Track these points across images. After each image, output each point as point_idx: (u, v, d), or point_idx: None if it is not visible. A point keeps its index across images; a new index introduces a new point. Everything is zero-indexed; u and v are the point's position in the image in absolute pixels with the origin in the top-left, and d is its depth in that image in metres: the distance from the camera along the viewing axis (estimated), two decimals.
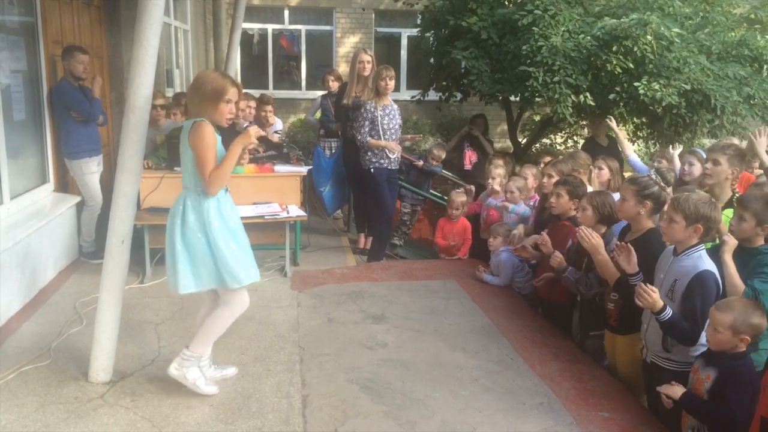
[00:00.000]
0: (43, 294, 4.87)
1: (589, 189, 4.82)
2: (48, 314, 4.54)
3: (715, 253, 3.40)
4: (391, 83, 6.06)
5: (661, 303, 3.20)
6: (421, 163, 7.52)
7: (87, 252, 5.71)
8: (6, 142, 4.70)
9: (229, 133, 3.42)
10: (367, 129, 6.07)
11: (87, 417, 3.24)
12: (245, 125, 3.46)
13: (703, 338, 3.29)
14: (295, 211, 5.62)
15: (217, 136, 3.31)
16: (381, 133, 6.08)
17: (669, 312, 3.19)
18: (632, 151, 6.13)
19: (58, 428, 3.14)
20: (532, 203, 5.72)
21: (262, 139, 5.58)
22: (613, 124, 6.21)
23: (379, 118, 6.06)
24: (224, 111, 3.23)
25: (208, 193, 3.26)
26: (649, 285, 3.21)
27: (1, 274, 4.23)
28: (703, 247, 3.32)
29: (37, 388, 3.51)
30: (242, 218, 5.05)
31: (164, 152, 5.83)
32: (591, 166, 5.29)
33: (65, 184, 5.79)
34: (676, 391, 3.00)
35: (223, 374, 3.67)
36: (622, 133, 6.51)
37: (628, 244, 3.51)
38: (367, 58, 6.29)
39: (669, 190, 3.76)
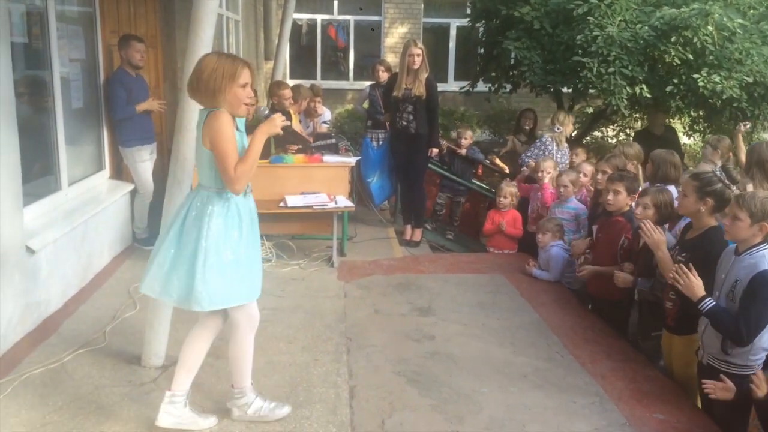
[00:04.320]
0: (99, 278, 4.99)
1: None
2: (103, 298, 4.65)
3: None
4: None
5: (701, 291, 3.13)
6: (464, 151, 7.44)
7: (140, 238, 5.83)
8: (65, 130, 4.82)
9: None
10: None
11: (140, 400, 3.31)
12: (266, 111, 3.23)
13: (766, 342, 3.17)
14: (343, 202, 5.63)
15: (240, 132, 2.95)
16: None
17: (709, 303, 3.13)
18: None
19: (111, 411, 3.21)
20: (579, 197, 5.60)
21: (289, 134, 5.54)
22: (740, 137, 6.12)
23: None
24: (241, 97, 2.81)
25: (233, 192, 2.84)
26: (684, 267, 3.15)
27: (59, 258, 4.35)
28: (767, 245, 3.18)
29: (92, 370, 3.60)
30: (291, 208, 5.09)
31: None
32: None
33: (120, 171, 5.92)
34: (727, 394, 2.90)
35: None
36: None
37: (682, 266, 3.31)
38: (416, 51, 6.20)
39: (734, 188, 3.61)
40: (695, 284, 3.17)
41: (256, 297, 3.03)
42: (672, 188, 4.36)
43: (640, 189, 4.51)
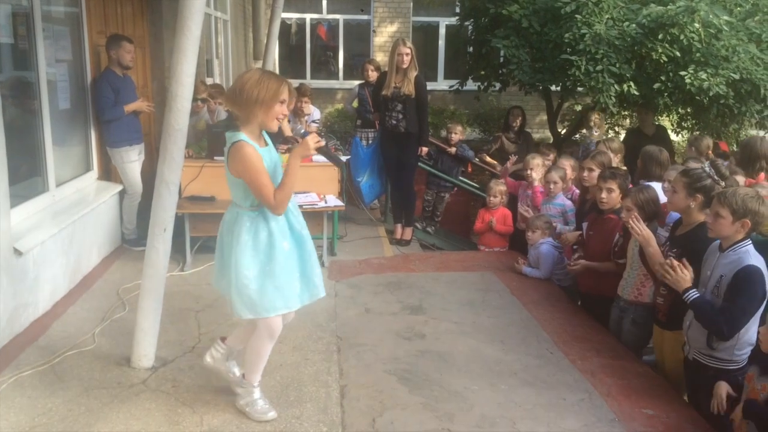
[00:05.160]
0: (88, 280, 4.96)
1: None
2: (92, 300, 4.62)
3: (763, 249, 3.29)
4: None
5: (687, 282, 3.17)
6: (453, 150, 7.45)
7: (129, 239, 5.80)
8: (52, 131, 4.79)
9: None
10: None
11: (129, 402, 3.29)
12: (302, 131, 3.31)
13: (752, 338, 3.20)
14: (333, 201, 5.62)
15: (268, 146, 3.04)
16: None
17: (693, 293, 3.17)
18: None
19: (101, 412, 3.19)
20: (569, 195, 5.62)
21: (276, 135, 5.54)
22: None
23: None
24: (277, 113, 2.90)
25: (276, 214, 2.94)
26: (674, 260, 3.20)
27: (47, 260, 4.32)
28: (750, 242, 3.21)
29: (81, 372, 3.58)
30: None
31: (205, 142, 5.88)
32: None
33: (108, 172, 5.88)
34: (738, 413, 2.91)
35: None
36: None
37: (673, 260, 3.35)
38: (405, 50, 6.19)
39: (723, 184, 3.63)
40: (681, 278, 3.21)
41: (288, 310, 3.09)
42: (657, 185, 4.38)
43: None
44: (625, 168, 5.02)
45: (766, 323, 2.86)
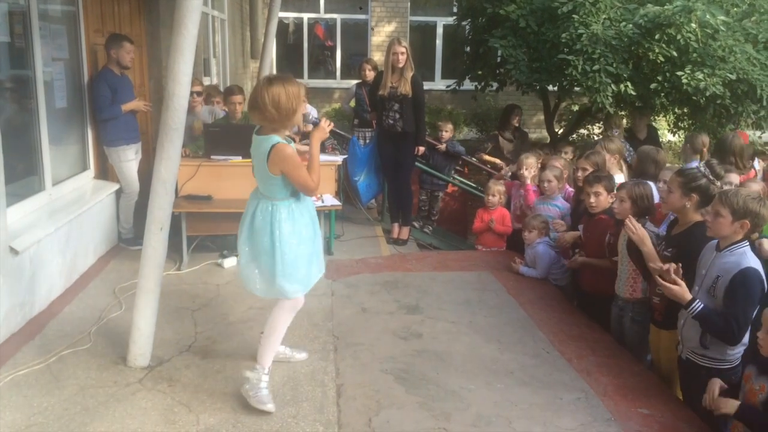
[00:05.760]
0: (84, 279, 4.95)
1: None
2: (88, 299, 4.62)
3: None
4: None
5: (689, 295, 3.16)
6: (443, 146, 7.45)
7: (126, 238, 5.79)
8: (48, 129, 4.78)
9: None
10: None
11: (125, 401, 3.29)
12: (313, 118, 3.56)
13: (744, 338, 3.21)
14: (330, 201, 5.62)
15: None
16: None
17: (698, 306, 3.15)
18: None
19: (97, 411, 3.19)
20: (563, 195, 5.62)
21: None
22: None
23: None
24: (302, 111, 3.40)
25: (311, 195, 3.35)
26: (672, 272, 3.17)
27: (43, 259, 4.32)
28: (748, 243, 3.22)
29: (77, 371, 3.57)
30: None
31: (203, 141, 5.87)
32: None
33: (105, 171, 5.88)
34: (731, 405, 2.89)
35: (295, 356, 3.78)
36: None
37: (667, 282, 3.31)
38: (401, 49, 6.19)
39: (718, 183, 3.64)
40: (683, 291, 3.18)
41: (311, 286, 3.42)
42: (652, 184, 4.39)
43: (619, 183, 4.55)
44: (618, 167, 5.02)
45: (763, 326, 2.85)
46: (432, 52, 13.29)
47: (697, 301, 3.16)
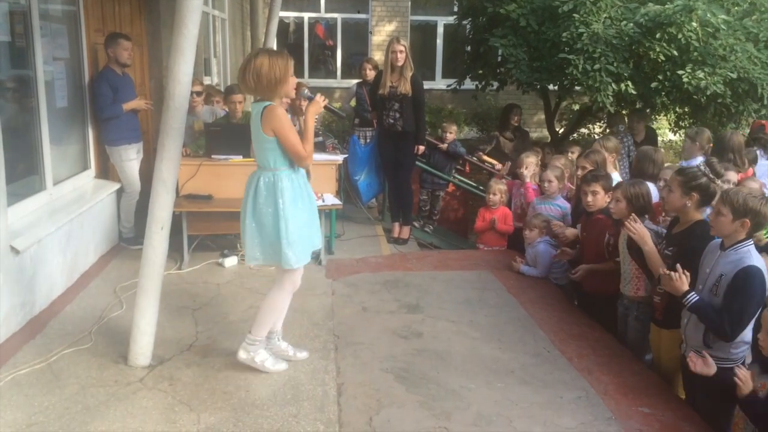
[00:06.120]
0: (85, 278, 4.96)
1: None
2: (89, 298, 4.62)
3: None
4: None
5: (685, 287, 3.16)
6: (445, 146, 7.45)
7: (126, 237, 5.80)
8: (49, 129, 4.78)
9: None
10: None
11: (126, 400, 3.29)
12: (306, 92, 3.69)
13: (747, 336, 3.21)
14: (331, 200, 5.62)
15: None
16: None
17: (693, 297, 3.17)
18: None
19: (98, 411, 3.19)
20: (564, 194, 5.62)
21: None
22: None
23: None
24: (292, 82, 3.41)
25: (303, 166, 3.45)
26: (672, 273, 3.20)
27: (44, 258, 4.32)
28: (752, 242, 3.21)
29: (78, 370, 3.58)
30: None
31: (203, 141, 5.88)
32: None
33: (106, 170, 5.88)
34: (708, 369, 2.98)
35: (296, 355, 3.79)
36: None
37: (671, 273, 3.35)
38: (399, 47, 6.18)
39: (719, 182, 3.64)
40: (675, 282, 3.20)
41: (309, 259, 3.55)
42: (651, 184, 4.39)
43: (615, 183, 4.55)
44: (613, 165, 5.04)
45: (762, 327, 2.85)
46: (432, 52, 13.28)
47: (692, 293, 3.18)
